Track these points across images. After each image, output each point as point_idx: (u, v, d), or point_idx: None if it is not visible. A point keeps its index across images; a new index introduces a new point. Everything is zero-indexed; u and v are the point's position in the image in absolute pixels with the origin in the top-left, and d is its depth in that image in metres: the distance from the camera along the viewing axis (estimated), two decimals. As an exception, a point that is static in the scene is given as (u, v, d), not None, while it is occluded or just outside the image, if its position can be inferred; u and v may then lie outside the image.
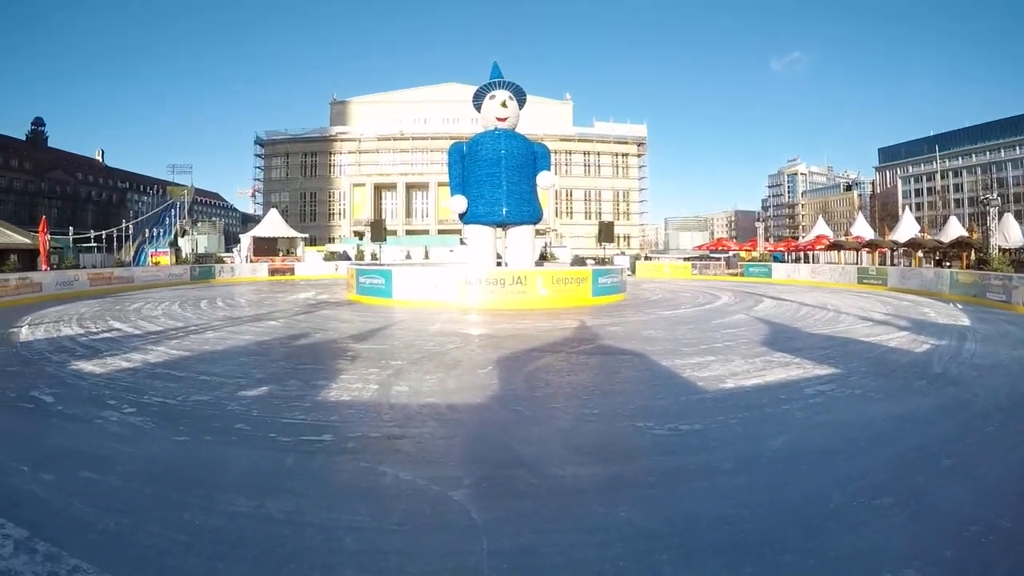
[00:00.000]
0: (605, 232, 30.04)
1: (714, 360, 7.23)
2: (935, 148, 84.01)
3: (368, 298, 15.97)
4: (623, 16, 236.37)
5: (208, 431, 4.42)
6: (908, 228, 33.95)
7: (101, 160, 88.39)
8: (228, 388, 5.79)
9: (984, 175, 76.08)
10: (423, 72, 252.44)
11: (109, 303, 15.75)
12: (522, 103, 17.16)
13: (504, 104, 16.38)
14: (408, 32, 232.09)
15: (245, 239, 38.62)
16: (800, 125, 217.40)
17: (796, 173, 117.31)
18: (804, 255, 37.75)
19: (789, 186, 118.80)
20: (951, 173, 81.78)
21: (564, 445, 4.20)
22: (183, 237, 38.96)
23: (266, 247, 37.08)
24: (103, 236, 36.04)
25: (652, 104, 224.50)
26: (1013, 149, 74.72)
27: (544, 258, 32.35)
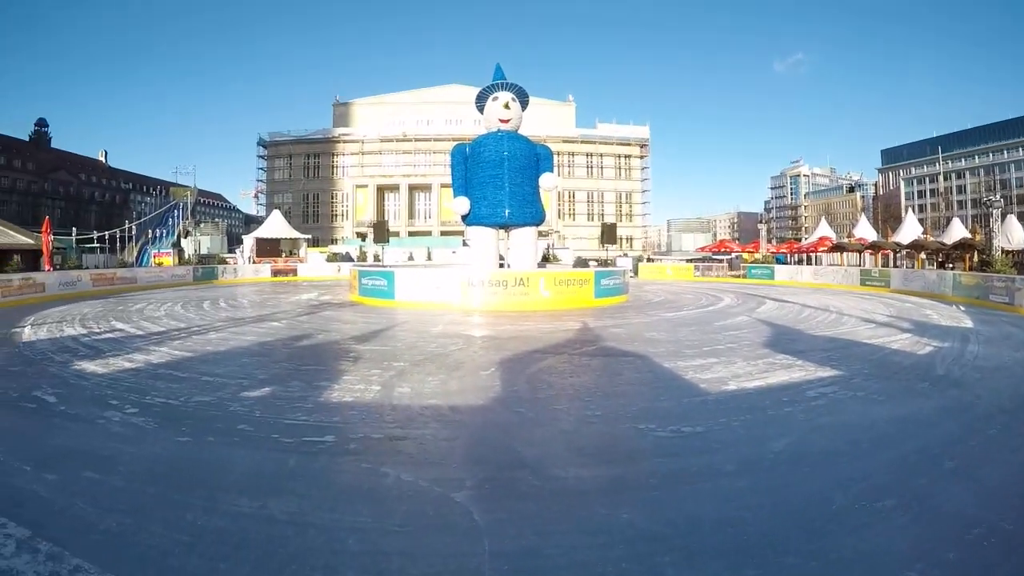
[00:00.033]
0: (607, 234, 30.01)
1: (716, 362, 7.22)
2: (938, 149, 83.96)
3: (370, 299, 15.97)
4: (626, 17, 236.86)
5: (211, 432, 4.42)
6: (911, 230, 33.92)
7: (104, 161, 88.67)
8: (231, 389, 5.80)
9: (987, 176, 75.95)
10: (426, 73, 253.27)
11: (112, 304, 15.79)
12: (525, 105, 17.17)
13: (507, 106, 16.38)
14: (411, 33, 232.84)
15: (248, 240, 38.70)
16: (803, 126, 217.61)
17: (799, 175, 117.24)
18: (807, 257, 37.70)
19: (792, 188, 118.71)
20: (954, 174, 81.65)
21: (566, 447, 4.20)
22: (186, 238, 39.02)
23: (269, 248, 37.14)
24: (106, 237, 36.12)
25: (655, 105, 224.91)
26: (1016, 150, 74.58)
27: (547, 260, 32.37)
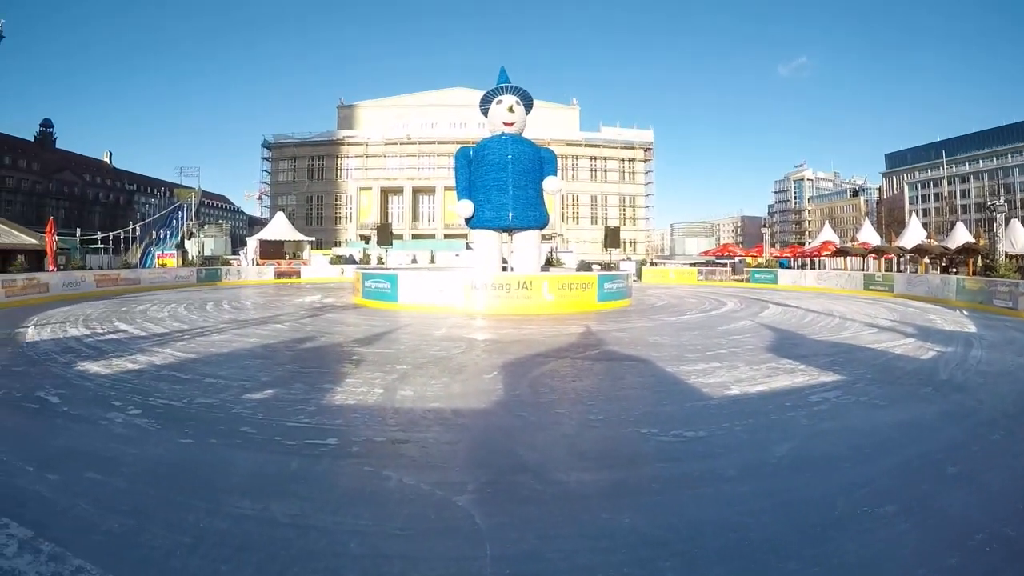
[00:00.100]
0: (611, 237, 30.08)
1: (719, 366, 7.21)
2: (942, 153, 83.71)
3: (374, 302, 15.99)
4: (629, 21, 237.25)
5: (213, 434, 4.43)
6: (915, 234, 33.78)
7: (109, 162, 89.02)
8: (233, 391, 5.81)
9: (991, 181, 75.71)
10: (430, 76, 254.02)
11: (115, 304, 15.85)
12: (529, 108, 17.18)
13: (511, 109, 16.39)
14: (416, 37, 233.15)
15: (252, 242, 38.83)
16: (806, 130, 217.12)
17: (803, 179, 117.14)
18: (810, 261, 37.62)
19: (796, 192, 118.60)
20: (958, 179, 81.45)
21: (568, 451, 4.19)
22: (190, 239, 39.14)
23: (272, 250, 37.23)
24: (110, 237, 36.28)
25: (658, 109, 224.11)
26: (1020, 155, 74.35)
27: (550, 263, 32.39)
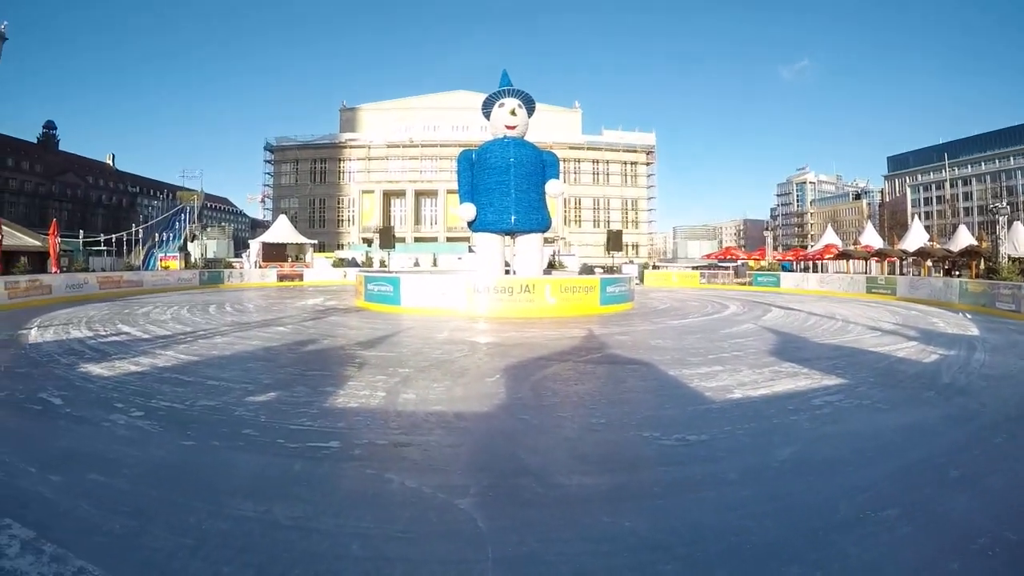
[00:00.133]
0: (613, 241, 30.04)
1: (722, 370, 7.20)
2: (944, 156, 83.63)
3: (376, 305, 16.01)
4: (632, 25, 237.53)
5: (215, 436, 4.44)
6: (917, 237, 33.76)
7: (112, 164, 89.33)
8: (236, 393, 5.82)
9: (993, 183, 75.65)
10: (433, 79, 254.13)
11: (118, 307, 15.89)
12: (531, 111, 17.20)
13: (513, 112, 16.42)
14: (418, 40, 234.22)
15: (254, 244, 38.90)
16: (809, 133, 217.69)
17: (805, 182, 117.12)
18: (813, 264, 37.59)
19: (798, 195, 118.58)
20: (960, 181, 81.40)
21: (570, 454, 4.19)
22: (192, 242, 39.24)
23: (275, 253, 37.29)
24: (113, 240, 36.43)
25: (661, 112, 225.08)
26: (1022, 157, 74.25)
27: (552, 266, 32.35)
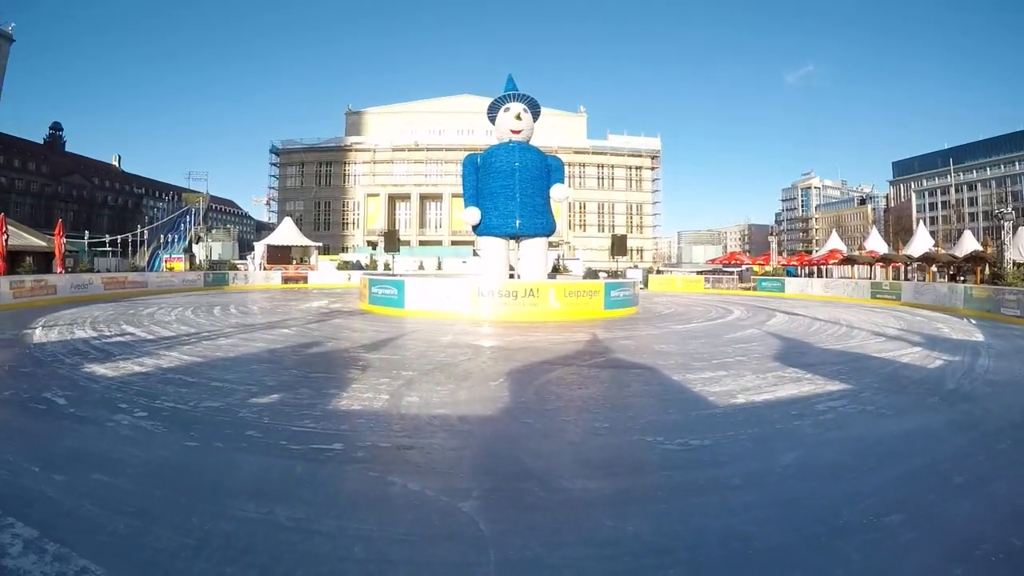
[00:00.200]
0: (618, 245, 30.09)
1: (725, 375, 7.18)
2: (949, 161, 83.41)
3: (380, 308, 16.04)
4: (637, 29, 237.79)
5: (219, 437, 4.44)
6: (922, 242, 33.67)
7: (118, 165, 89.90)
8: (240, 395, 5.83)
9: (999, 189, 75.35)
10: (438, 84, 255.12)
11: (123, 307, 15.95)
12: (536, 115, 17.23)
13: (518, 116, 16.45)
14: (424, 44, 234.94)
15: (259, 247, 39.04)
16: (814, 139, 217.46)
17: (810, 187, 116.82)
18: (817, 269, 37.48)
19: (803, 200, 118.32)
20: (966, 187, 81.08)
21: (574, 458, 4.18)
22: (197, 243, 39.44)
23: (280, 255, 37.43)
24: (118, 241, 36.61)
25: (666, 117, 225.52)
26: (1028, 163, 74.00)
27: (557, 271, 32.38)
